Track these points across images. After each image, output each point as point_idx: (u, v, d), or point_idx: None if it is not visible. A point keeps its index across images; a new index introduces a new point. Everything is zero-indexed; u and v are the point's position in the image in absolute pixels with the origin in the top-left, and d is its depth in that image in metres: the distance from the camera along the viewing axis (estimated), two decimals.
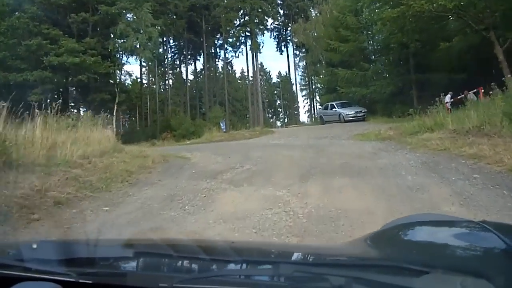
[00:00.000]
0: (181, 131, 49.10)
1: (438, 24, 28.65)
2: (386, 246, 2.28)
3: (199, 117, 63.42)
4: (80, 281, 1.55)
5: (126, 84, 57.59)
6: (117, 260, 1.87)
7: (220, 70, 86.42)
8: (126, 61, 62.45)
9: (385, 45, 36.04)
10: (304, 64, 73.70)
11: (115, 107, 53.46)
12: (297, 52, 75.25)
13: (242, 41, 70.58)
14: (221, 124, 38.62)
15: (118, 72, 55.22)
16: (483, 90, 24.42)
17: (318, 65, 54.32)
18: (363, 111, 36.26)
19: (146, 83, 76.09)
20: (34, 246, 1.81)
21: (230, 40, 70.62)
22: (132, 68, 77.61)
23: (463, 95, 25.52)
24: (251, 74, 71.81)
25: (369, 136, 19.56)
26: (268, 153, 15.24)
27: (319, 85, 61.26)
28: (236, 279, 1.63)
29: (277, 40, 75.04)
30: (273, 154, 14.86)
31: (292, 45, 72.49)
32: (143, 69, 71.83)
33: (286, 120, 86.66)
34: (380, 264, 1.82)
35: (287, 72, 79.52)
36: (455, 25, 30.54)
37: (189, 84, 77.09)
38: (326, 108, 40.21)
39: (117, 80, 54.52)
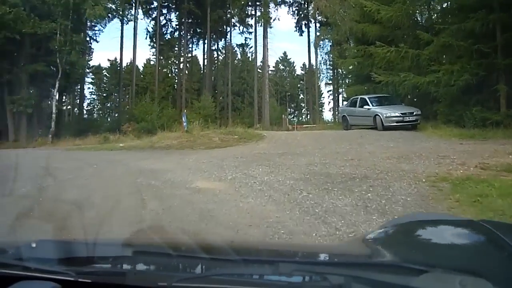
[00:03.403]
0: (145, 124, 39.49)
1: None
2: (385, 245, 2.27)
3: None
4: (80, 280, 1.58)
5: (69, 54, 42.96)
6: (116, 259, 1.89)
7: (239, 56, 79.91)
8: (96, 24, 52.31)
9: (457, 5, 24.25)
10: (328, 46, 61.88)
11: (57, 84, 42.46)
12: (319, 34, 61.62)
13: (252, 12, 61.14)
14: (183, 119, 27.64)
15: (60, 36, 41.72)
16: None
17: (345, 48, 42.79)
18: (415, 113, 23.58)
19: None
20: (33, 245, 1.83)
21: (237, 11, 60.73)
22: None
23: None
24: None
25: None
26: None
27: (345, 72, 49.45)
28: (235, 279, 1.62)
29: (296, 16, 62.88)
30: None
31: (315, 22, 60.69)
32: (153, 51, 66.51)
33: (308, 117, 75.61)
34: (380, 263, 1.84)
35: (308, 59, 66.46)
36: None
37: (205, 69, 67.12)
38: (353, 105, 27.05)
39: (57, 47, 41.40)
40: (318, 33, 59.85)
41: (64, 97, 61.54)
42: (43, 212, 7.63)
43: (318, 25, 60.13)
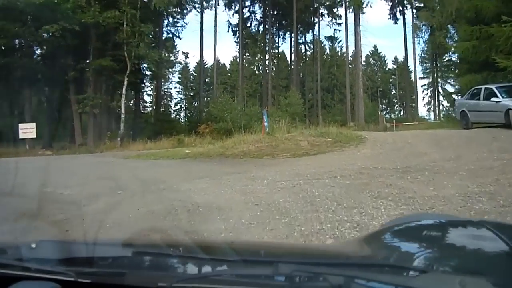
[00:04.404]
0: (223, 124, 34.50)
1: None
2: (385, 245, 2.25)
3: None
4: (79, 280, 1.57)
5: (139, 48, 38.46)
6: (116, 260, 1.86)
7: (328, 51, 75.25)
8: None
9: None
10: (428, 33, 53.83)
11: (125, 81, 37.21)
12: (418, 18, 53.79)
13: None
14: (264, 118, 23.47)
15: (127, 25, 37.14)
16: None
17: (445, 33, 39.41)
18: None
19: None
20: (33, 245, 1.81)
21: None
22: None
23: None
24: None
25: None
26: None
27: (452, 60, 40.76)
28: (236, 279, 1.59)
29: (390, 2, 56.60)
30: None
31: (411, 8, 54.39)
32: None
33: (401, 113, 74.02)
34: (379, 264, 1.81)
35: (404, 46, 59.42)
36: None
37: (292, 65, 63.54)
38: (474, 97, 21.82)
39: (124, 39, 36.44)
40: (415, 20, 54.91)
41: (149, 96, 59.67)
42: None
43: (414, 10, 55.04)
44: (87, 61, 38.04)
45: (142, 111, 65.85)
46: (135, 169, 17.17)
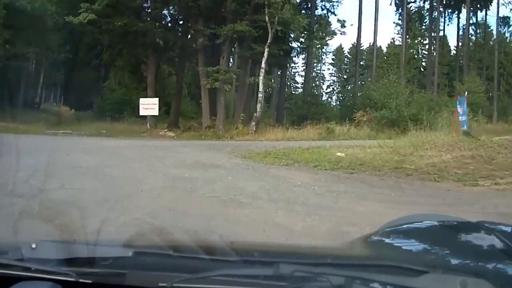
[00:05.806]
0: (387, 113, 27.82)
1: None
2: (386, 246, 2.31)
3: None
4: (80, 280, 1.63)
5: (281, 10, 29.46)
6: (116, 260, 1.83)
7: (494, 36, 63.86)
8: None
9: None
10: None
11: (266, 52, 29.65)
12: None
13: None
14: (459, 110, 16.27)
15: None
16: None
17: None
18: None
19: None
20: (34, 246, 1.84)
21: None
22: None
23: None
24: None
25: None
26: None
27: None
28: (236, 279, 1.63)
29: None
30: None
31: None
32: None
33: None
34: (380, 264, 1.83)
35: None
36: None
37: (459, 47, 60.49)
38: None
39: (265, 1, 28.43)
40: None
41: (301, 77, 56.09)
42: None
43: None
44: (220, 26, 30.06)
45: (293, 92, 61.41)
46: (232, 199, 8.64)
